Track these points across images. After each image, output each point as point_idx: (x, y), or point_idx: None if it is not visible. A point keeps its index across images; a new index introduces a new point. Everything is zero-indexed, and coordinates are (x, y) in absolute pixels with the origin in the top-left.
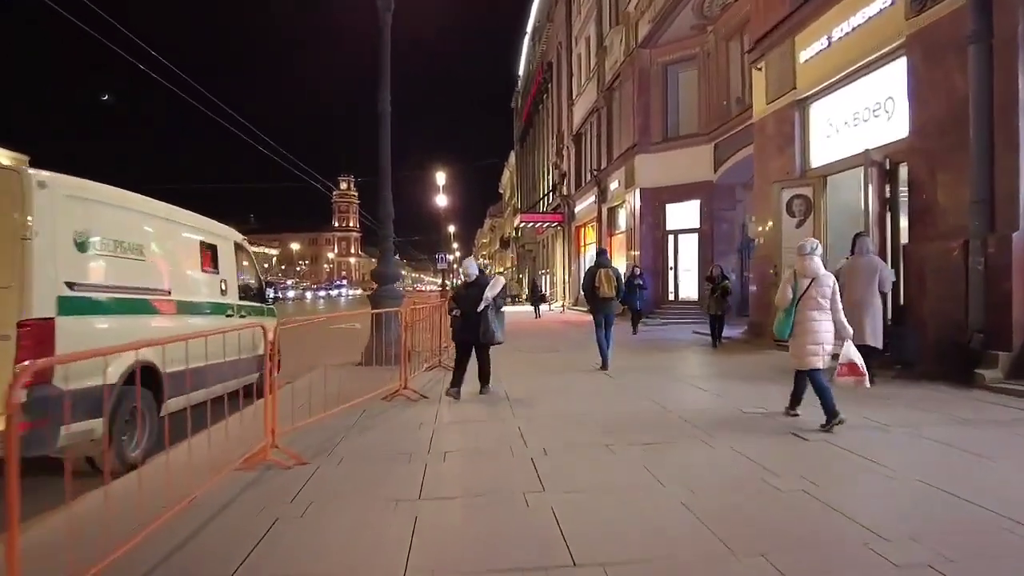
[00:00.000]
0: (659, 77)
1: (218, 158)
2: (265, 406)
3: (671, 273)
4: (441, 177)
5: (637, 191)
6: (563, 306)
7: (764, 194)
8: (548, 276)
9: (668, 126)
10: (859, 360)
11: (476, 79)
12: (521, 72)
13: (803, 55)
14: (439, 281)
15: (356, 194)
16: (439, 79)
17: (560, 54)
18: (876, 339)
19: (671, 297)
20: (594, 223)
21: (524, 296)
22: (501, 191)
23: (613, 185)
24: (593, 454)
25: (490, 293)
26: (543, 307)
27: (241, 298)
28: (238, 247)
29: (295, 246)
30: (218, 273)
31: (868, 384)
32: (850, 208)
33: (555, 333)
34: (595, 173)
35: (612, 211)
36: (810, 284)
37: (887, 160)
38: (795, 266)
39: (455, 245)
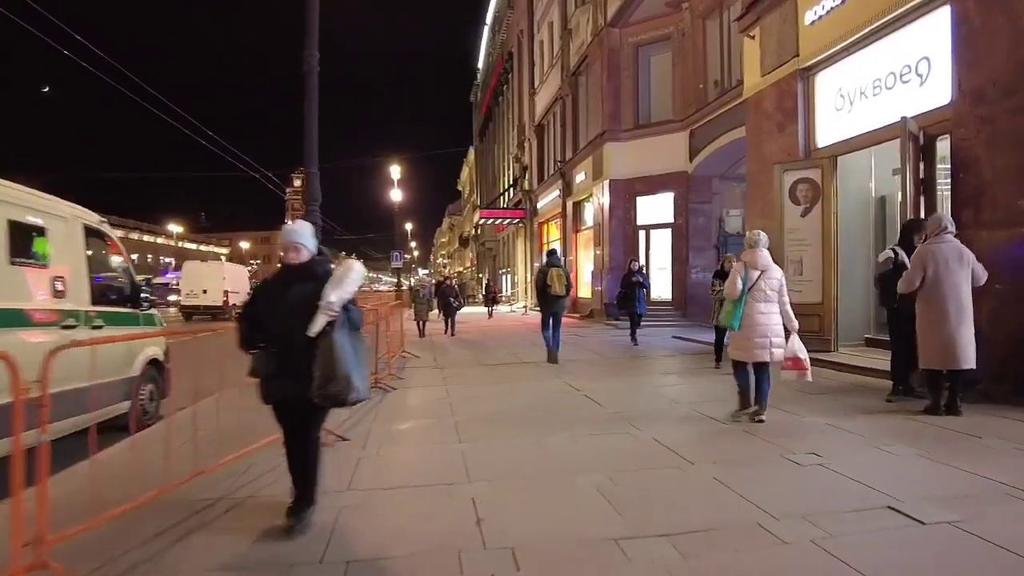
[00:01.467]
0: (630, 59)
1: (165, 154)
2: (13, 503)
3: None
4: (396, 171)
5: (606, 183)
6: (525, 307)
7: (760, 180)
8: (509, 275)
9: (640, 112)
10: (804, 354)
11: (433, 69)
12: (480, 65)
13: (808, 16)
14: (395, 280)
15: None
16: (393, 71)
17: (521, 42)
18: (971, 358)
19: None
20: (558, 219)
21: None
22: (460, 188)
23: (579, 177)
24: None
25: (334, 295)
26: (498, 308)
27: (99, 302)
28: (91, 232)
29: (245, 245)
30: (46, 267)
31: (810, 377)
32: (860, 193)
33: (497, 340)
34: (559, 165)
35: (578, 205)
36: (759, 276)
37: (921, 133)
38: (744, 258)
39: (413, 244)
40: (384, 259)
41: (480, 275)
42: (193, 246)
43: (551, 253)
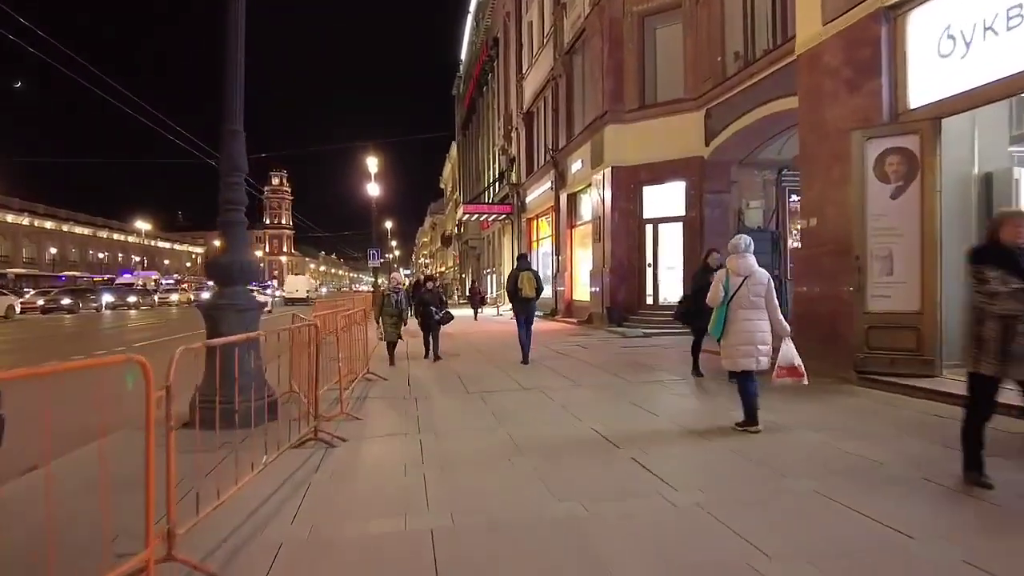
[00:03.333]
0: (634, 30)
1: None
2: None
3: (649, 271)
4: (373, 163)
5: (607, 171)
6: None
7: (819, 154)
8: (494, 275)
9: (646, 91)
10: (798, 360)
11: (414, 62)
12: (463, 56)
13: None
14: (373, 280)
15: (289, 190)
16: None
17: (508, 26)
18: None
19: (649, 301)
20: (550, 213)
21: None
22: (443, 186)
23: (575, 166)
24: None
25: None
26: (484, 310)
27: None
28: None
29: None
30: None
31: (807, 382)
32: (958, 169)
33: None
34: (552, 154)
35: (573, 198)
36: (743, 282)
37: None
38: (727, 264)
39: (394, 243)
40: (363, 258)
41: (463, 275)
42: (167, 245)
43: (521, 257)
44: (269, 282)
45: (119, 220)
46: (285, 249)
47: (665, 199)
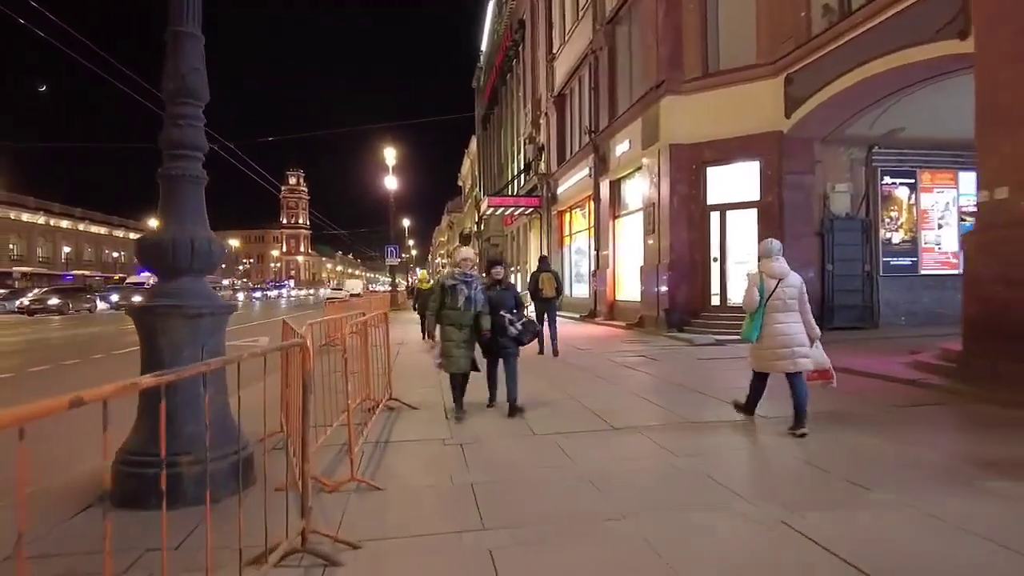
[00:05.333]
0: None
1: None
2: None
3: (715, 267)
4: (391, 155)
5: (663, 150)
6: None
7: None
8: (518, 274)
9: (708, 57)
10: (828, 363)
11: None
12: (484, 46)
13: None
14: (391, 280)
15: (305, 189)
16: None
17: (535, 4)
18: None
19: (715, 301)
20: (586, 204)
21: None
22: (461, 183)
23: (619, 149)
24: None
25: None
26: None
27: None
28: None
29: (234, 243)
30: None
31: (835, 384)
32: None
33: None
34: (592, 136)
35: (617, 185)
36: (777, 284)
37: None
38: (760, 267)
39: (411, 242)
40: (379, 257)
41: (483, 274)
42: None
43: (543, 259)
44: (285, 282)
45: (140, 220)
46: (302, 249)
47: (734, 182)
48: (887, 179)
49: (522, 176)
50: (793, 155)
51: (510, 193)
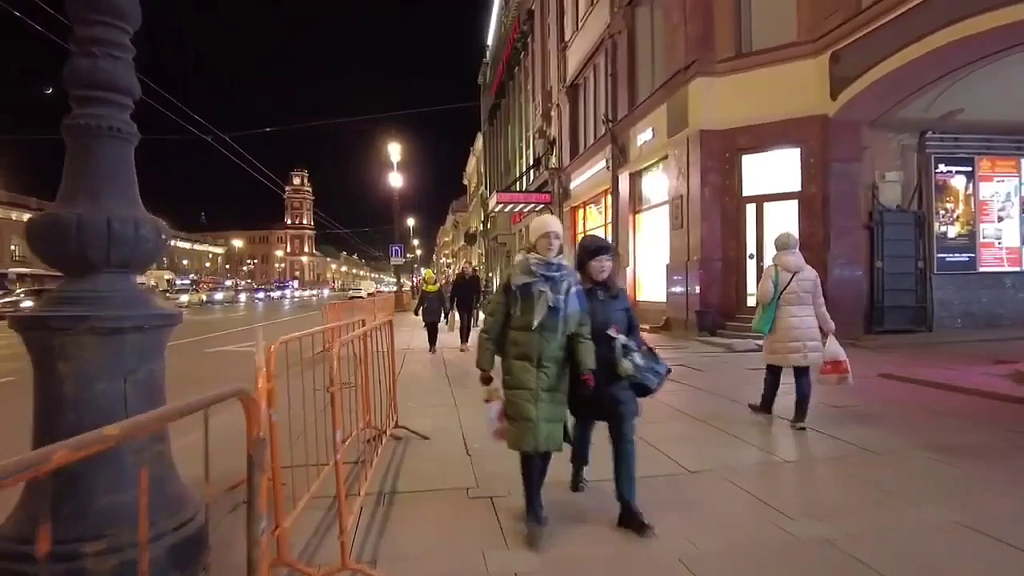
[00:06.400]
0: None
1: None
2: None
3: (751, 264)
4: (395, 150)
5: (693, 136)
6: None
7: None
8: None
9: (742, 35)
10: (843, 356)
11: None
12: (490, 40)
13: None
14: (395, 281)
15: (310, 189)
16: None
17: None
18: None
19: (751, 302)
20: (601, 199)
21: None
22: (466, 182)
23: (641, 137)
24: None
25: None
26: None
27: None
28: None
29: (237, 243)
30: None
31: (851, 380)
32: None
33: None
34: (609, 125)
35: (637, 177)
36: (792, 278)
37: None
38: (776, 261)
39: (415, 242)
40: (384, 257)
41: (489, 274)
42: (187, 245)
43: None
44: (289, 282)
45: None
46: (307, 249)
47: (772, 171)
48: (942, 167)
49: (531, 172)
50: (839, 141)
51: (519, 190)
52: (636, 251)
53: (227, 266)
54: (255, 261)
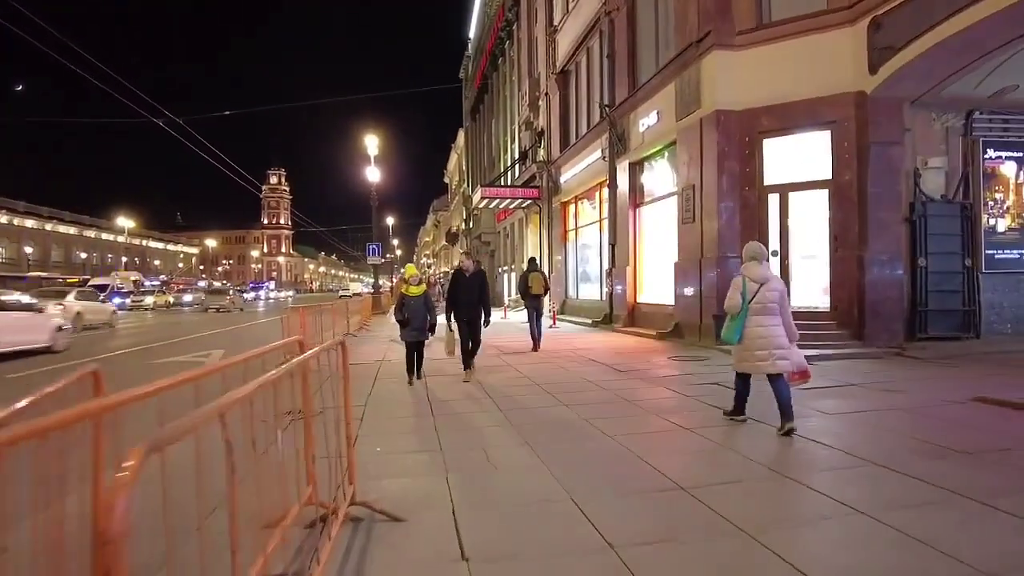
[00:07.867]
0: None
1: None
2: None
3: (775, 261)
4: (372, 143)
5: (707, 119)
6: (552, 315)
7: None
8: (511, 274)
9: (763, 1)
10: (804, 362)
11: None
12: (472, 32)
13: None
14: (374, 280)
15: (287, 188)
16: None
17: None
18: None
19: None
20: (595, 192)
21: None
22: (447, 180)
23: (644, 122)
24: None
25: None
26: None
27: None
28: None
29: (211, 243)
30: None
31: (811, 378)
32: None
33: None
34: (606, 112)
35: (639, 167)
36: (759, 288)
37: None
38: (744, 271)
39: (395, 242)
40: (363, 257)
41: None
42: (159, 245)
43: (531, 260)
44: (264, 283)
45: (120, 223)
46: (284, 249)
47: (799, 156)
48: (991, 152)
49: (516, 167)
50: (878, 121)
51: (504, 185)
52: (639, 248)
53: (201, 267)
54: (231, 261)
